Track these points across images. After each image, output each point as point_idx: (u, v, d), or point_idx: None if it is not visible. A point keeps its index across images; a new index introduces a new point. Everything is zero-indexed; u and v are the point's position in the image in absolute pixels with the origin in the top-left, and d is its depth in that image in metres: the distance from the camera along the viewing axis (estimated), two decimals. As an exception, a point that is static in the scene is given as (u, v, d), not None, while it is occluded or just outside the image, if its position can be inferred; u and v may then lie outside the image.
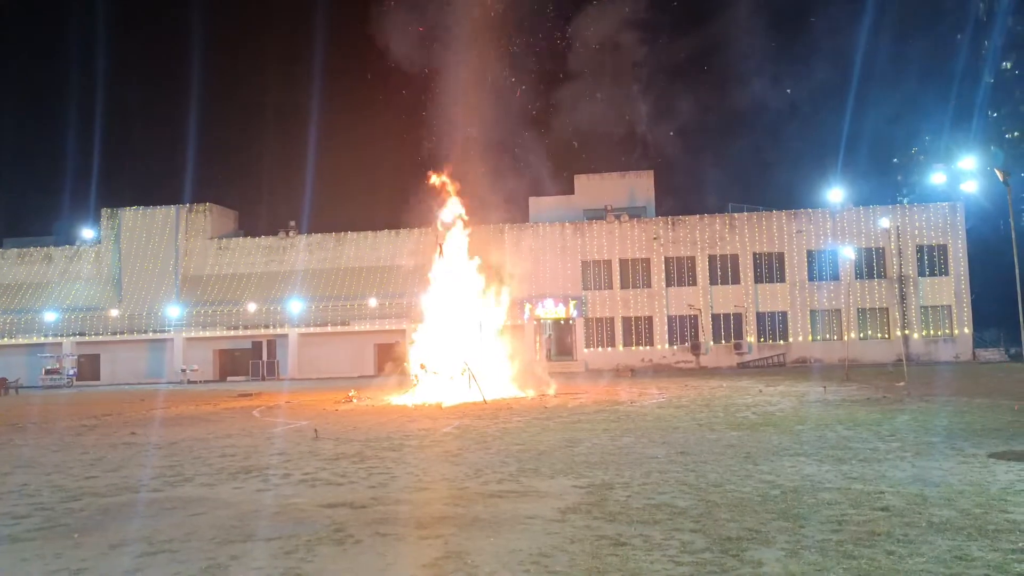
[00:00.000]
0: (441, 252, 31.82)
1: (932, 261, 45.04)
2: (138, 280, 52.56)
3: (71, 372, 48.34)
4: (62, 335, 50.39)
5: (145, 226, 53.24)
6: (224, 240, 53.50)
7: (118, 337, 50.66)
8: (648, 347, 46.44)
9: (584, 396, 25.53)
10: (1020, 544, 6.69)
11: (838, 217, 45.92)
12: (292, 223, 53.81)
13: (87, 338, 50.59)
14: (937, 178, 45.78)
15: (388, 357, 44.58)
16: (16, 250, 54.86)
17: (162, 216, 53.18)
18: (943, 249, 44.96)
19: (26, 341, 50.31)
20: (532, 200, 50.52)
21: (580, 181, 51.19)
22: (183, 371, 47.54)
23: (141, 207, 53.72)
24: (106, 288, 52.98)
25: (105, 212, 54.06)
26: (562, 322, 47.71)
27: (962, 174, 42.71)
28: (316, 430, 17.12)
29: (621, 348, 46.55)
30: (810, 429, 14.94)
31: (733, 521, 7.84)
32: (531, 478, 10.75)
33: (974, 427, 14.39)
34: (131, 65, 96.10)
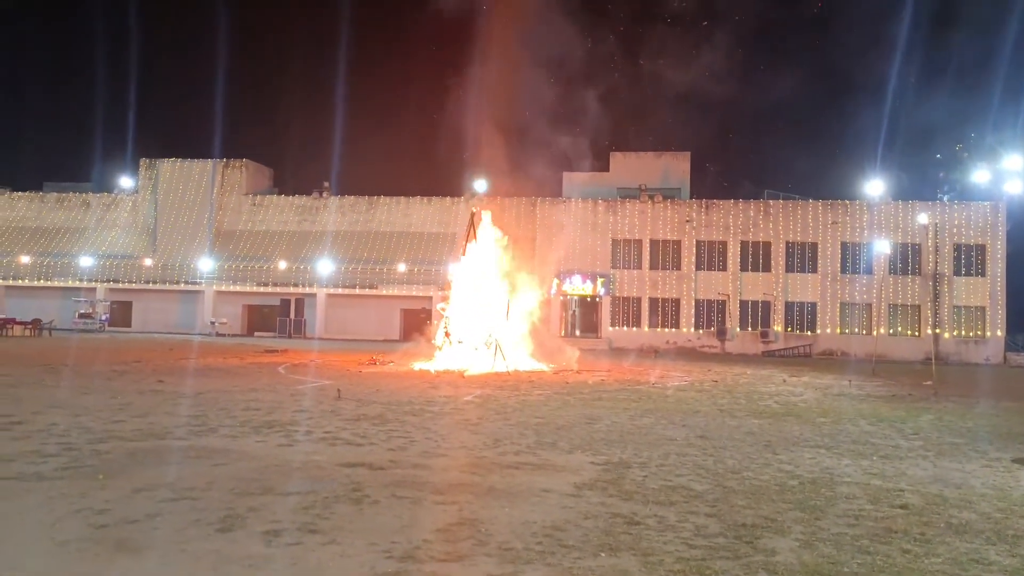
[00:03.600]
0: (472, 223, 31.79)
1: (969, 261, 44.29)
2: (172, 231, 53.18)
3: (104, 317, 49.19)
4: (96, 281, 51.21)
5: (182, 178, 53.76)
6: (258, 197, 53.90)
7: (151, 286, 51.41)
8: (674, 329, 46.28)
9: (606, 374, 25.54)
10: (1039, 551, 6.62)
11: (875, 210, 45.24)
12: (326, 184, 54.09)
13: (120, 285, 51.39)
14: (980, 176, 44.94)
15: (414, 323, 44.91)
16: (55, 194, 55.68)
17: (199, 169, 53.65)
18: (981, 249, 44.18)
19: (61, 284, 51.19)
20: (566, 175, 50.28)
21: (616, 159, 50.85)
22: (212, 323, 48.18)
23: (179, 159, 54.22)
24: (141, 237, 53.67)
25: (143, 162, 54.63)
26: (588, 299, 47.62)
27: (1006, 173, 41.90)
28: (339, 390, 17.30)
29: (647, 328, 46.43)
30: (832, 422, 14.84)
31: (749, 508, 7.83)
32: (549, 452, 10.81)
33: (1000, 431, 14.22)
34: (174, 18, 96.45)
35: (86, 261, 51.61)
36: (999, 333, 43.58)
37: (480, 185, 49.20)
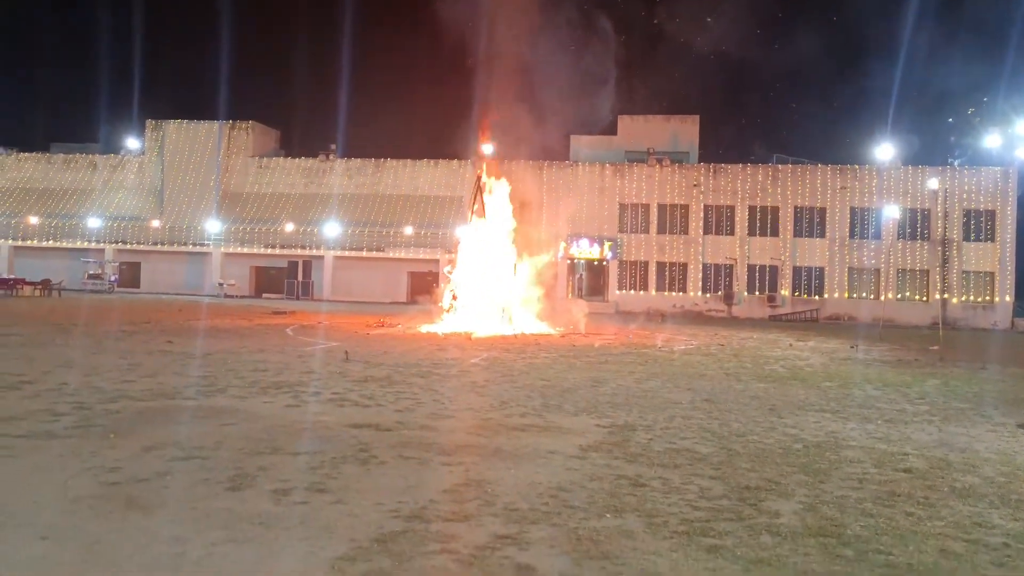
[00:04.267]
0: (479, 186, 31.68)
1: (979, 226, 44.03)
2: (179, 193, 53.15)
3: (113, 278, 49.40)
4: (104, 242, 51.33)
5: (188, 140, 53.58)
6: (265, 159, 53.74)
7: (159, 247, 51.52)
8: (681, 293, 46.26)
9: (612, 337, 25.59)
10: (1041, 515, 6.66)
11: (885, 175, 44.90)
12: (332, 146, 53.79)
13: (128, 246, 51.51)
14: (992, 141, 44.47)
15: (421, 285, 44.98)
16: (62, 155, 55.59)
17: (205, 131, 53.42)
18: (991, 214, 43.89)
19: (69, 245, 51.32)
20: (573, 138, 49.92)
21: (624, 122, 50.40)
22: (220, 285, 48.34)
23: (184, 121, 53.98)
24: (148, 199, 53.66)
25: (150, 124, 54.41)
26: (595, 263, 47.57)
27: (1018, 139, 41.48)
28: (347, 352, 17.40)
29: (654, 292, 46.42)
30: (838, 386, 14.88)
31: (753, 471, 7.89)
32: (554, 414, 10.87)
33: (1006, 396, 14.24)
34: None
35: (94, 222, 51.69)
36: (1008, 298, 43.46)
37: (487, 148, 48.89)
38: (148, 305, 36.15)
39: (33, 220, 52.28)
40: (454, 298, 27.95)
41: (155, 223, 52.05)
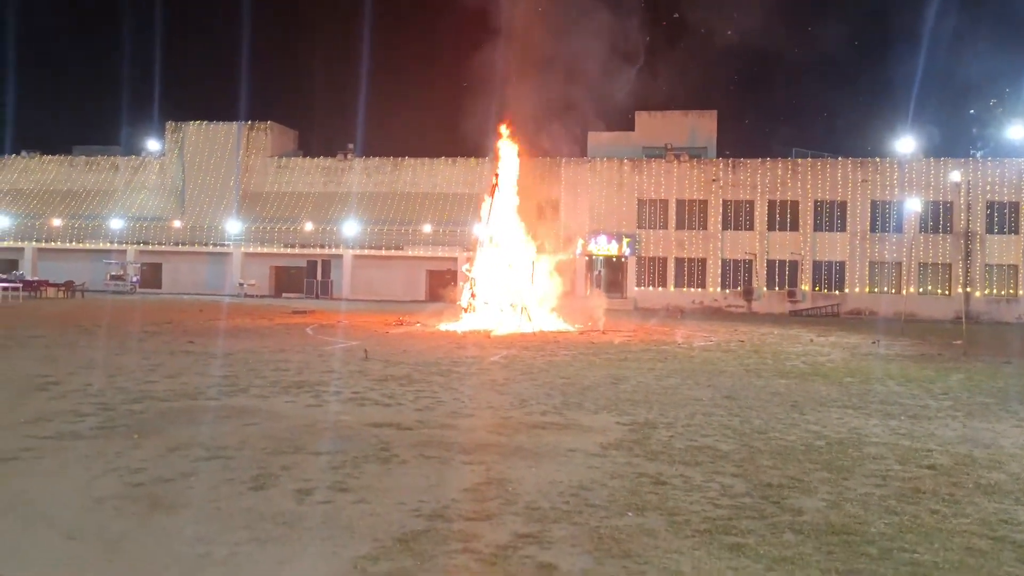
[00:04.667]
0: (497, 183, 31.66)
1: (1002, 218, 43.52)
2: (200, 193, 53.56)
3: (134, 279, 49.86)
4: (126, 243, 51.82)
5: (208, 141, 53.97)
6: (284, 159, 54.06)
7: (180, 248, 51.95)
8: (700, 289, 46.07)
9: (631, 334, 25.53)
10: (1069, 512, 6.58)
11: (906, 168, 44.47)
12: (351, 145, 54.07)
13: (150, 247, 51.98)
14: (1015, 132, 43.90)
15: (440, 283, 45.06)
16: (84, 158, 56.20)
17: (224, 132, 53.81)
18: (1015, 207, 43.38)
19: (92, 247, 51.87)
20: (591, 135, 49.77)
21: (641, 118, 50.23)
22: (240, 285, 48.67)
23: (205, 122, 54.40)
24: (169, 199, 54.12)
25: (170, 125, 54.88)
26: (614, 259, 47.45)
27: (1043, 129, 40.92)
28: (366, 351, 17.45)
29: (672, 289, 46.26)
30: (860, 382, 14.76)
31: (775, 468, 7.85)
32: (575, 412, 10.86)
33: (1031, 391, 14.07)
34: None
35: (116, 223, 52.19)
36: (1032, 291, 42.95)
37: (504, 145, 48.83)
38: (170, 305, 36.45)
39: (56, 222, 52.87)
40: (473, 296, 27.97)
41: (176, 224, 52.50)
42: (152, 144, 56.28)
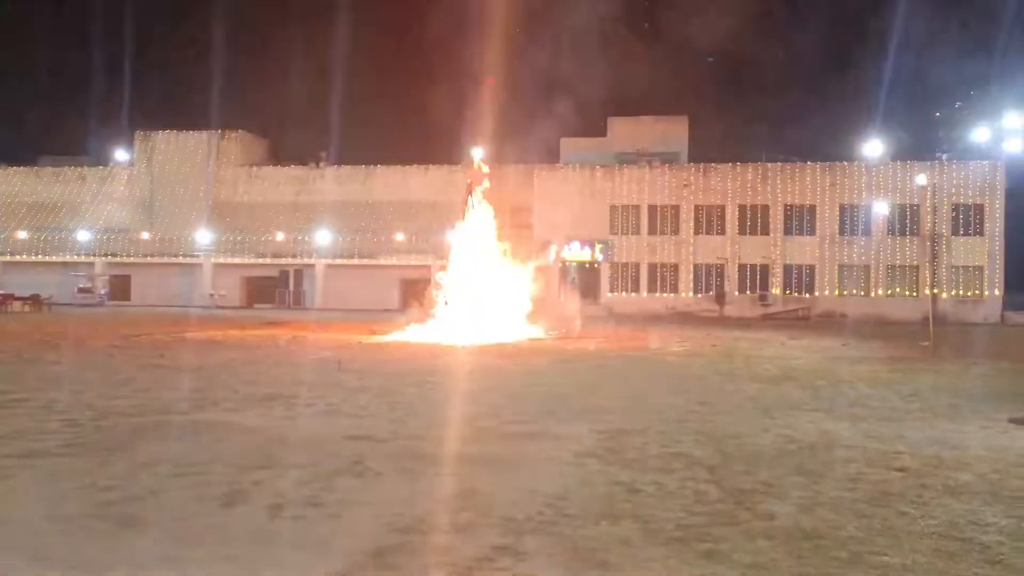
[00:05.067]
0: (470, 191, 31.68)
1: (967, 220, 44.21)
2: (169, 204, 53.02)
3: (103, 292, 49.22)
4: (94, 255, 51.14)
5: (178, 150, 53.47)
6: (255, 168, 53.68)
7: (149, 259, 51.33)
8: (672, 294, 46.31)
9: (605, 340, 25.61)
10: (1035, 512, 6.69)
11: (874, 171, 45.06)
12: (323, 154, 53.77)
13: (119, 259, 51.32)
14: (980, 135, 44.72)
15: (413, 292, 44.92)
16: (51, 168, 55.40)
17: (194, 141, 53.34)
18: (980, 208, 44.08)
19: (59, 259, 51.11)
20: (564, 141, 49.92)
21: (613, 123, 50.49)
22: (211, 296, 48.21)
23: (174, 131, 53.88)
24: (138, 210, 53.50)
25: (139, 135, 54.29)
26: (587, 265, 47.59)
27: (1006, 132, 41.71)
28: (340, 361, 17.36)
29: (645, 294, 46.47)
30: (830, 385, 14.92)
31: (748, 474, 7.91)
32: (549, 420, 10.87)
33: (997, 391, 14.30)
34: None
35: (83, 235, 51.50)
36: (997, 292, 43.64)
37: (477, 152, 48.90)
38: (139, 318, 36.01)
39: (22, 234, 52.05)
40: (446, 304, 27.92)
41: (145, 235, 51.89)
42: (121, 154, 55.61)
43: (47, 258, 51.28)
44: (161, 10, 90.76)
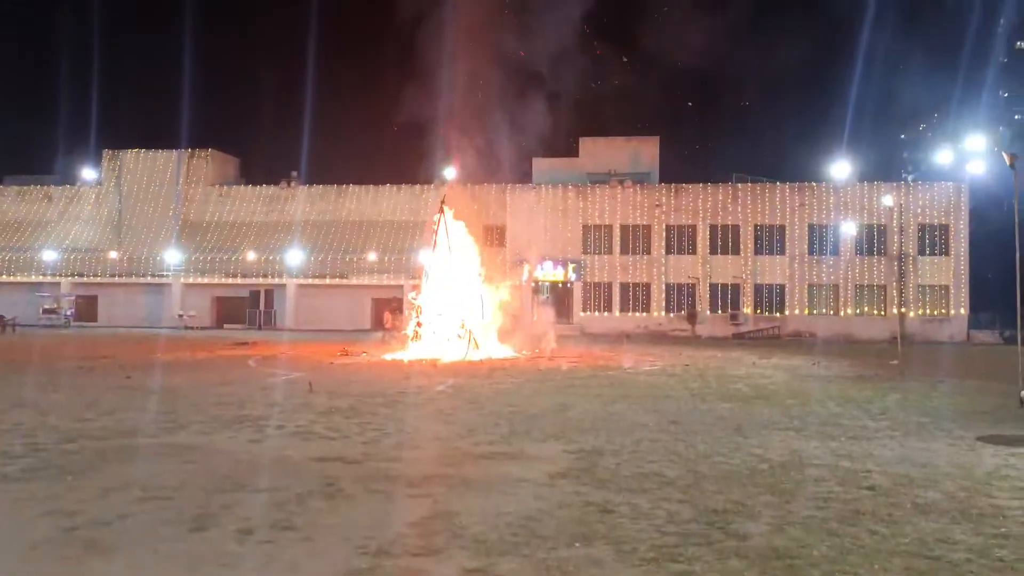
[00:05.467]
0: (442, 210, 31.68)
1: (933, 240, 44.96)
2: (138, 223, 52.42)
3: (69, 312, 48.45)
4: (60, 275, 50.38)
5: (146, 169, 52.95)
6: (225, 187, 53.26)
7: (116, 280, 50.64)
8: (644, 314, 46.53)
9: (578, 360, 25.64)
10: (1003, 529, 6.78)
11: (841, 192, 45.73)
12: (294, 173, 53.53)
13: (85, 279, 50.58)
14: (943, 157, 45.64)
15: (385, 311, 44.71)
16: (16, 188, 54.57)
17: (163, 160, 52.86)
18: (945, 229, 44.86)
19: (24, 279, 50.30)
20: (536, 161, 50.16)
21: (585, 144, 50.83)
22: (180, 316, 47.63)
23: (142, 150, 53.36)
24: (106, 230, 52.82)
25: (107, 154, 53.69)
26: (560, 285, 47.71)
27: (969, 154, 42.55)
28: (311, 383, 17.21)
29: (618, 314, 46.65)
30: (801, 404, 15.03)
31: (720, 493, 7.93)
32: (522, 441, 10.84)
33: (964, 409, 14.49)
34: (136, 7, 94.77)
35: (49, 255, 50.73)
36: (962, 311, 44.35)
37: (449, 172, 49.00)
38: (106, 339, 35.50)
39: (-14, 255, 51.16)
40: (419, 324, 27.82)
41: (113, 255, 51.22)
42: (88, 173, 54.91)
43: (12, 278, 50.45)
44: (128, 28, 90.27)
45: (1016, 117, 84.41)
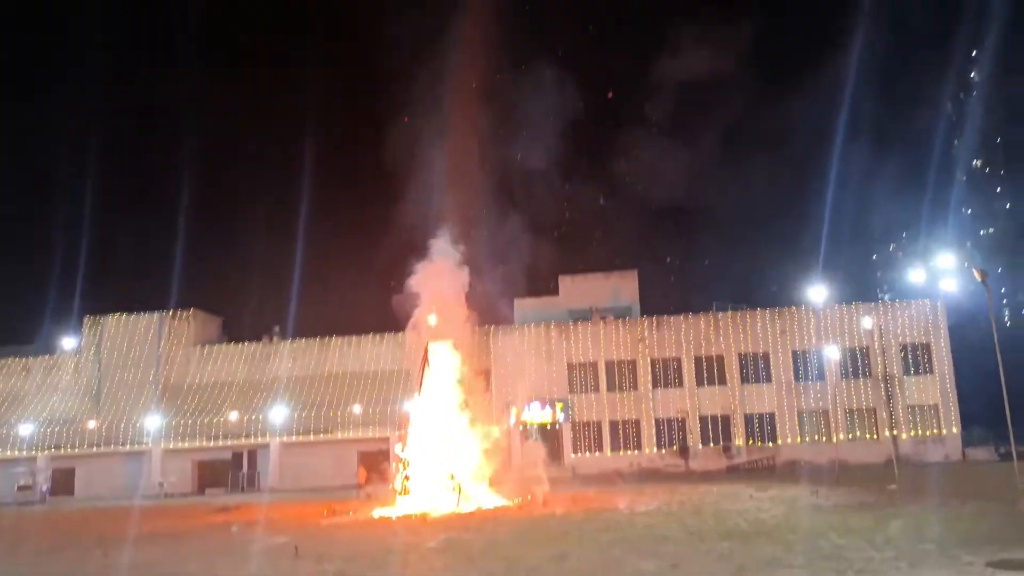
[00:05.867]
0: (426, 359, 31.63)
1: (916, 360, 45.09)
2: (117, 390, 51.73)
3: (44, 488, 47.00)
4: (37, 449, 49.11)
5: (127, 334, 52.78)
6: (207, 347, 53.01)
7: (94, 450, 49.40)
8: (636, 451, 45.77)
9: (572, 505, 24.96)
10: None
11: (821, 316, 46.16)
12: (276, 328, 53.54)
13: (62, 451, 49.36)
14: (916, 276, 46.50)
15: (373, 466, 43.71)
16: (-6, 360, 54.06)
17: (145, 323, 52.78)
18: (926, 347, 45.08)
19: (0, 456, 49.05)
20: (517, 302, 50.51)
21: (564, 282, 51.43)
22: (160, 485, 46.28)
23: (124, 314, 53.32)
24: (84, 399, 51.99)
25: (88, 320, 53.59)
26: (548, 427, 47.10)
27: (940, 272, 43.46)
28: (296, 547, 16.55)
29: (609, 453, 45.86)
30: (803, 538, 14.58)
31: (728, 645, 7.52)
32: (517, 599, 10.36)
33: (969, 533, 14.10)
34: (115, 172, 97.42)
35: (26, 429, 49.64)
36: (955, 430, 43.94)
37: (432, 318, 49.18)
38: (82, 514, 34.30)
39: (-38, 433, 50.05)
40: (406, 479, 27.17)
41: (91, 424, 50.19)
42: (68, 342, 54.54)
43: (-14, 456, 49.14)
44: (108, 194, 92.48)
45: (981, 232, 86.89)
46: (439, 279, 34.39)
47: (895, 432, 42.93)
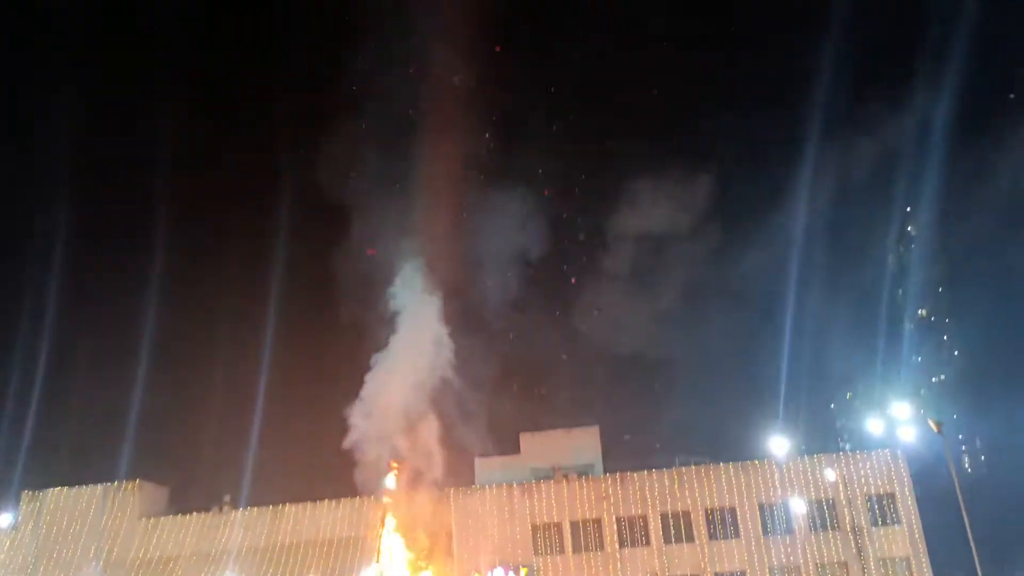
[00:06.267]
0: (383, 523, 30.46)
1: (883, 510, 44.51)
2: (55, 569, 48.56)
3: None
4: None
5: (68, 508, 50.09)
6: (153, 519, 50.45)
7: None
8: (606, 617, 43.76)
9: None
10: None
11: (784, 468, 45.73)
12: (227, 497, 51.36)
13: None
14: (874, 426, 46.62)
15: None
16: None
17: (88, 496, 50.25)
18: (891, 497, 44.61)
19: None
20: (478, 461, 49.45)
21: (525, 439, 50.57)
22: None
23: (65, 488, 50.80)
24: (19, 578, 48.70)
25: (26, 495, 50.88)
26: (514, 593, 45.01)
27: (897, 421, 43.74)
28: None
29: (578, 620, 43.76)
30: None
31: None
32: None
33: None
34: (62, 339, 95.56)
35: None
36: (928, 582, 42.95)
37: (389, 480, 47.83)
38: None
39: None
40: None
41: (25, 606, 46.81)
42: (3, 518, 51.64)
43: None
44: (53, 369, 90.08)
45: (933, 380, 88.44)
46: (396, 439, 33.76)
47: (871, 588, 41.81)
